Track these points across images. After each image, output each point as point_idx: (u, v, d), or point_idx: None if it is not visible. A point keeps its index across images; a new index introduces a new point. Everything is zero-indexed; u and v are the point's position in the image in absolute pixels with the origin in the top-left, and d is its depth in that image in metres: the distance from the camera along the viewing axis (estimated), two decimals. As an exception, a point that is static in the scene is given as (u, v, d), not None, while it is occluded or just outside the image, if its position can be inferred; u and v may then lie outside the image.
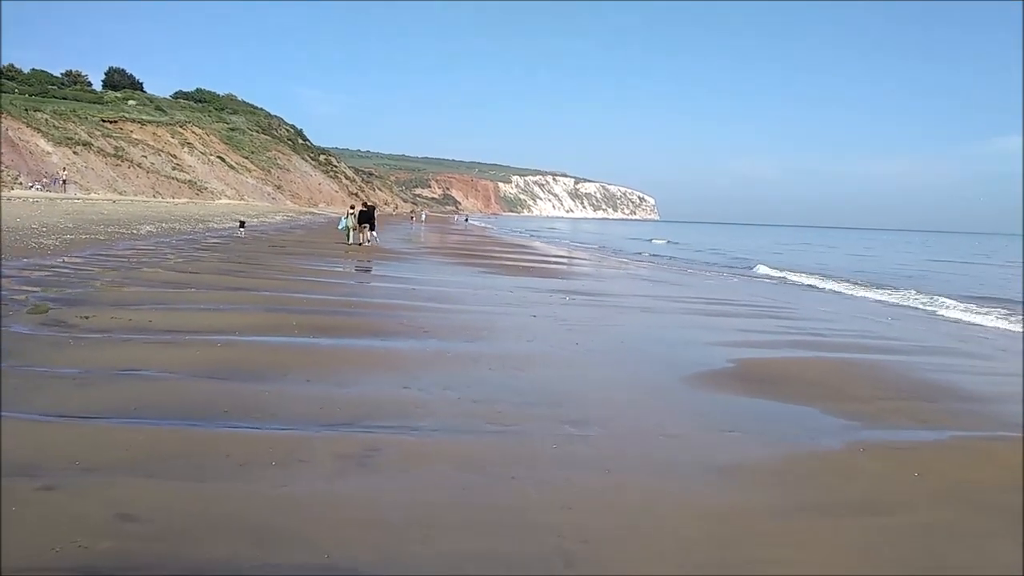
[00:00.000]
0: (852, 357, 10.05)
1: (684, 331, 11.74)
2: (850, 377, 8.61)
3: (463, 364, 7.69)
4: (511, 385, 6.85)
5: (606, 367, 8.15)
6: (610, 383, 7.33)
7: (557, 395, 6.59)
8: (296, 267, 17.48)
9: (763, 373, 8.40)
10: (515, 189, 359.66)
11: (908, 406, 7.27)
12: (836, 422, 6.38)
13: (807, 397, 7.31)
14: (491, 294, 14.72)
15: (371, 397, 6.01)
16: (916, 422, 6.62)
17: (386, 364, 7.35)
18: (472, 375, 7.17)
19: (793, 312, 15.32)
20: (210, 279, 13.36)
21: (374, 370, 7.05)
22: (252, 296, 11.63)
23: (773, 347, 10.45)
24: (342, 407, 5.59)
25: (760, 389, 7.53)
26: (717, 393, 7.25)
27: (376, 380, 6.65)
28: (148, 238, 23.12)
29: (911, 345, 11.75)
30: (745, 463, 5.07)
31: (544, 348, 9.01)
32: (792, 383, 7.97)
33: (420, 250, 29.70)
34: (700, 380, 7.81)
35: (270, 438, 4.75)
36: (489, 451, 4.89)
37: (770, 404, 6.94)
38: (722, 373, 8.25)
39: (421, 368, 7.32)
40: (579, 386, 7.07)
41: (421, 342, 8.76)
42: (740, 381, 7.87)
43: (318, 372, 6.74)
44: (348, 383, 6.43)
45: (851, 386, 8.05)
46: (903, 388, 8.18)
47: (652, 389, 7.22)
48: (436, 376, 6.99)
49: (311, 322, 9.49)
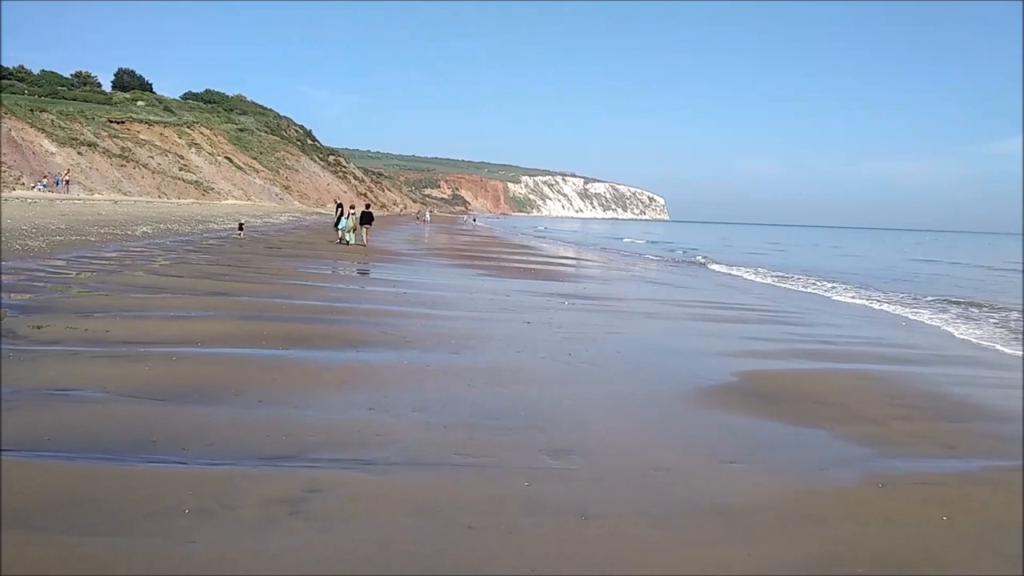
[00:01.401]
0: (865, 369, 9.34)
1: (687, 339, 11.06)
2: (863, 392, 7.92)
3: (442, 380, 7.05)
4: (491, 405, 6.20)
5: (598, 383, 7.49)
6: (601, 402, 6.66)
7: (540, 417, 5.94)
8: (288, 270, 16.90)
9: (769, 388, 7.72)
10: (524, 189, 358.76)
11: (929, 428, 6.58)
12: (849, 449, 5.70)
13: (817, 417, 6.62)
14: (487, 298, 14.08)
15: (328, 421, 5.38)
16: (940, 448, 5.93)
17: (355, 380, 6.72)
18: (449, 393, 6.53)
19: (802, 317, 14.60)
20: (191, 283, 12.79)
21: (340, 388, 6.43)
22: (230, 302, 11.03)
23: (780, 357, 9.76)
24: (291, 435, 4.96)
25: (765, 408, 6.85)
26: (718, 413, 6.58)
27: (340, 400, 6.02)
28: (141, 240, 22.61)
29: (927, 355, 11.02)
30: (747, 504, 4.40)
31: (534, 360, 8.36)
32: (800, 400, 7.29)
33: (421, 251, 29.10)
34: (700, 397, 7.14)
35: (194, 477, 4.12)
36: (451, 491, 4.24)
37: (776, 427, 6.26)
38: (725, 389, 7.58)
39: (394, 385, 6.69)
40: (566, 406, 6.41)
41: (400, 354, 8.13)
42: (744, 398, 7.20)
43: (275, 391, 6.11)
44: (306, 404, 5.81)
45: (865, 403, 7.36)
46: (922, 405, 7.48)
47: (647, 409, 6.56)
48: (408, 394, 6.36)
49: (285, 331, 8.89)
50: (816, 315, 15.59)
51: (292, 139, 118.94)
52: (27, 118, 53.90)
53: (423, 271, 19.88)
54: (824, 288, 23.26)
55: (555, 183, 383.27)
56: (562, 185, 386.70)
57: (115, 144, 66.08)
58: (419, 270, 20.09)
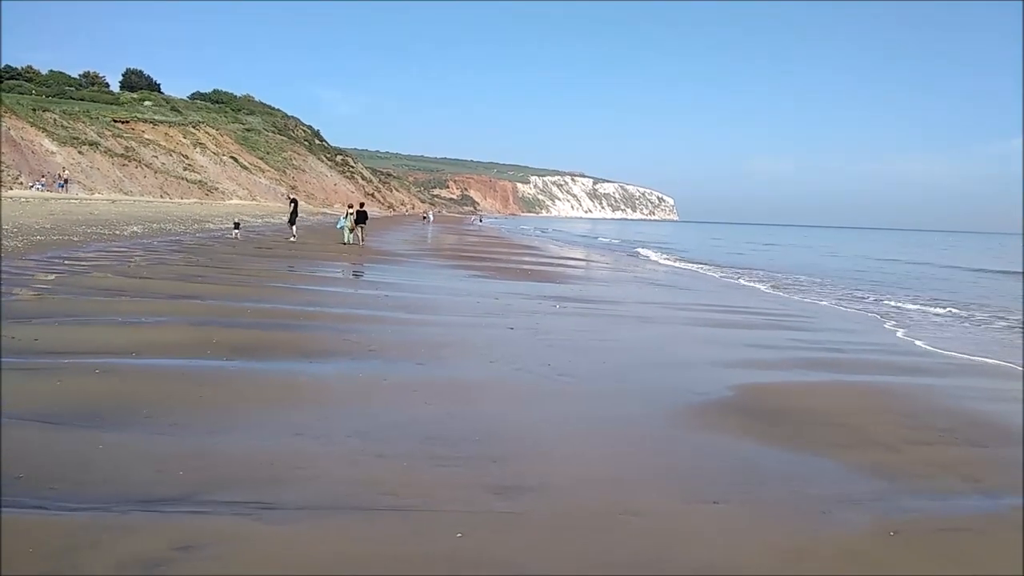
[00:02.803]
0: (874, 381, 8.50)
1: (683, 347, 10.23)
2: (873, 410, 7.08)
3: (395, 397, 6.27)
4: (443, 429, 5.41)
5: (575, 400, 6.68)
6: (573, 424, 5.86)
7: (497, 444, 5.15)
8: (270, 271, 16.17)
9: (768, 405, 6.89)
10: (533, 189, 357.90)
11: (950, 455, 5.74)
12: (858, 484, 4.87)
13: (820, 442, 5.80)
14: (474, 301, 13.30)
15: (244, 451, 4.60)
16: (963, 482, 5.09)
17: (295, 398, 5.94)
18: (398, 414, 5.75)
19: (810, 323, 13.73)
20: (158, 286, 12.06)
21: (274, 407, 5.65)
22: (192, 306, 10.30)
23: (782, 367, 8.93)
24: (190, 470, 4.19)
25: (762, 430, 6.03)
26: (708, 436, 5.76)
27: (268, 423, 5.24)
28: (127, 239, 21.96)
29: (941, 364, 10.13)
30: (734, 561, 3.59)
31: (507, 373, 7.57)
32: (802, 419, 6.46)
33: (418, 252, 28.35)
34: (690, 417, 6.32)
35: (47, 527, 3.35)
36: (360, 547, 3.45)
37: (773, 454, 5.44)
38: (718, 406, 6.75)
39: (337, 404, 5.91)
40: (531, 430, 5.61)
41: (358, 365, 7.36)
42: (739, 417, 6.37)
43: (197, 411, 5.34)
44: (227, 428, 5.03)
45: (876, 423, 6.52)
46: (941, 425, 6.64)
47: (626, 432, 5.74)
48: (351, 416, 5.58)
49: (238, 338, 8.13)
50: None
51: (299, 139, 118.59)
52: (28, 117, 53.53)
53: (414, 272, 19.11)
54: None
55: (564, 183, 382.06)
56: (571, 185, 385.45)
57: (118, 144, 65.71)
58: (410, 271, 19.33)
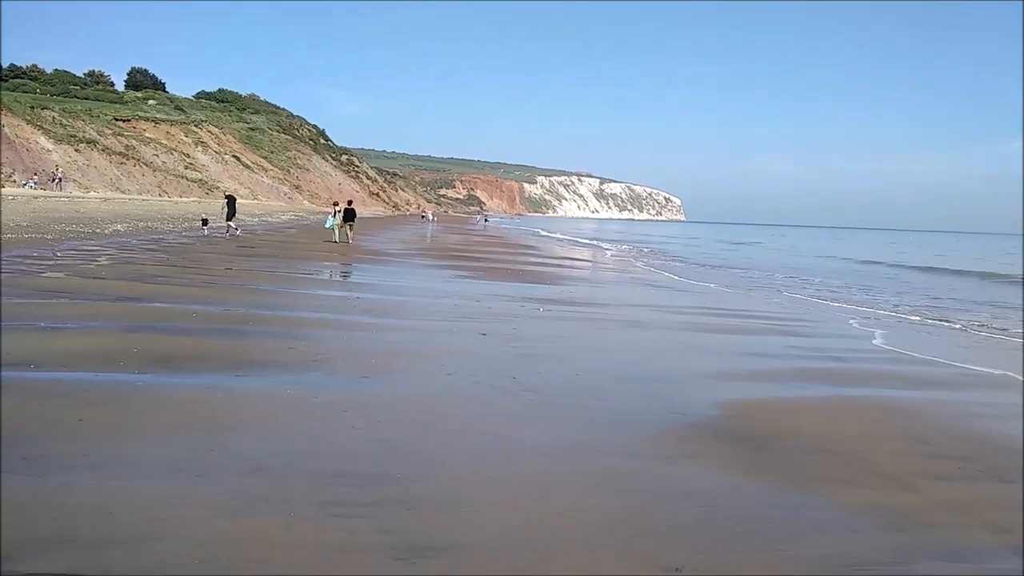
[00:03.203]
0: (881, 396, 7.55)
1: (669, 357, 9.30)
2: (881, 433, 6.15)
3: (320, 418, 5.36)
4: (358, 461, 4.49)
5: (533, 423, 5.74)
6: (522, 456, 4.93)
7: (421, 482, 4.22)
8: (243, 271, 15.29)
9: (758, 426, 5.96)
10: (540, 190, 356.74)
11: (973, 494, 4.79)
12: (865, 539, 3.92)
13: (818, 476, 4.86)
14: (452, 304, 12.38)
15: (92, 497, 3.69)
16: (992, 534, 4.13)
17: (195, 422, 5.03)
18: (314, 440, 4.83)
19: (814, 328, 12.75)
20: (110, 286, 11.19)
21: (167, 433, 4.74)
22: (133, 309, 9.42)
23: (777, 379, 7.99)
24: (10, 525, 3.28)
25: (751, 460, 5.10)
26: (684, 471, 4.82)
27: (147, 454, 4.33)
28: (106, 238, 21.16)
29: (959, 375, 9.15)
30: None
31: (464, 387, 6.65)
32: (796, 445, 5.53)
33: (410, 251, 27.47)
34: (666, 443, 5.39)
35: None
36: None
37: (760, 494, 4.50)
38: (700, 429, 5.81)
39: (247, 427, 5.00)
40: (470, 462, 4.68)
41: (293, 379, 6.45)
42: (723, 444, 5.44)
43: (63, 441, 4.44)
44: (89, 464, 4.12)
45: (885, 451, 5.58)
46: (960, 453, 5.69)
47: (585, 465, 4.81)
48: (253, 445, 4.66)
49: (166, 347, 7.24)
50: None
51: (304, 138, 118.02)
52: (25, 115, 53.02)
53: (398, 273, 18.21)
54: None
55: (571, 183, 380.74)
56: (578, 186, 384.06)
57: (118, 142, 65.16)
58: (394, 271, 18.43)
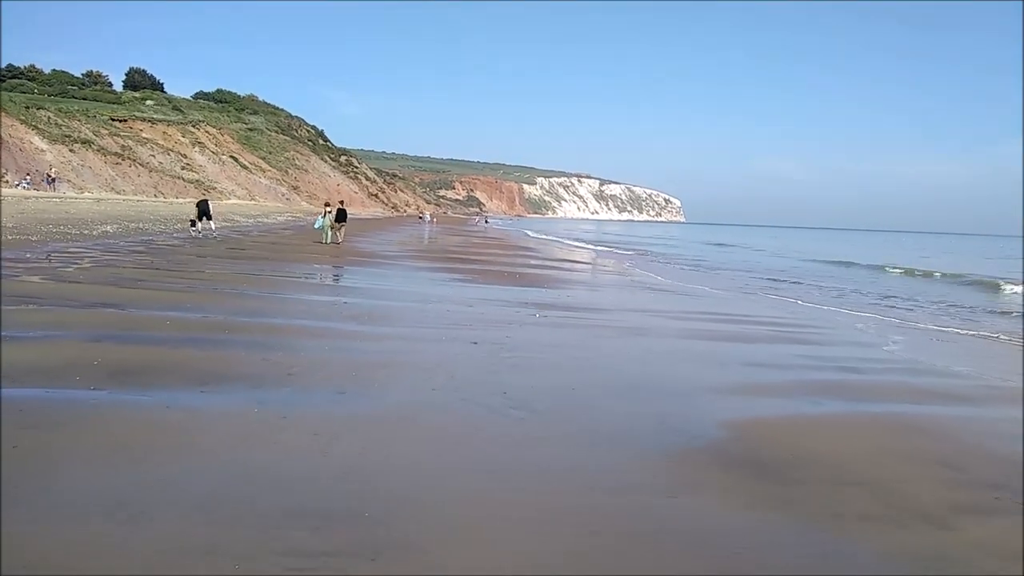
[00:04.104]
0: (901, 413, 7.00)
1: (671, 366, 8.76)
2: (906, 457, 5.61)
3: (286, 443, 4.82)
4: (324, 497, 3.96)
5: (522, 447, 5.20)
6: (506, 488, 4.38)
7: (392, 523, 3.68)
8: (228, 274, 14.75)
9: (771, 451, 5.42)
10: (540, 191, 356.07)
11: (1016, 531, 4.24)
12: (899, 592, 3.39)
13: (844, 512, 4.32)
14: (443, 310, 11.84)
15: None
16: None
17: (145, 447, 4.49)
18: (276, 470, 4.29)
19: (822, 334, 12.19)
20: (84, 291, 10.67)
21: (109, 462, 4.21)
22: (102, 316, 8.89)
23: (787, 394, 7.44)
24: None
25: (765, 493, 4.56)
26: (685, 507, 4.29)
27: (80, 490, 3.79)
28: (93, 240, 20.62)
29: (981, 388, 8.59)
30: None
31: (447, 404, 6.11)
32: (816, 474, 4.99)
33: (404, 253, 26.93)
34: (666, 473, 4.85)
35: None
36: None
37: (780, 533, 3.96)
38: (707, 454, 5.28)
39: (202, 454, 4.46)
40: (449, 497, 4.14)
41: (262, 395, 5.91)
42: (734, 472, 4.90)
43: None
44: (6, 502, 3.58)
45: (912, 479, 5.04)
46: (993, 480, 5.15)
47: (574, 503, 4.27)
48: (207, 476, 4.13)
49: (130, 359, 6.71)
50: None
51: (303, 139, 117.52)
52: (20, 115, 52.49)
53: (389, 276, 17.67)
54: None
55: (571, 185, 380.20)
56: (577, 187, 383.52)
57: (114, 142, 64.67)
58: (386, 275, 17.89)
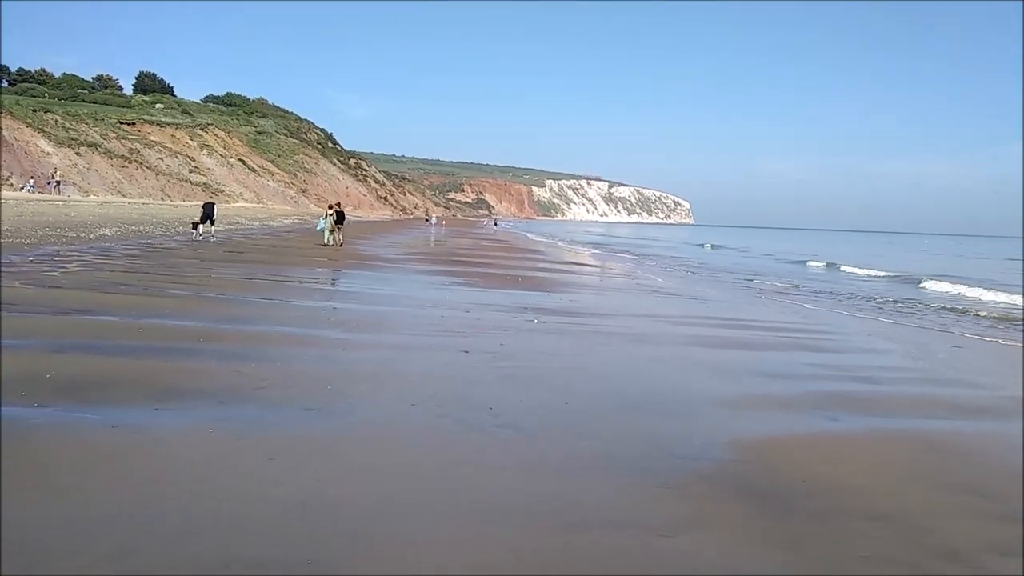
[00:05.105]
0: (924, 430, 6.44)
1: (674, 377, 8.20)
2: (933, 483, 5.05)
3: (237, 470, 4.31)
4: (269, 540, 3.44)
5: (504, 475, 4.67)
6: (485, 527, 3.86)
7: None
8: (219, 278, 14.30)
9: (782, 478, 4.87)
10: (549, 193, 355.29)
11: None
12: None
13: (871, 555, 3.78)
14: (437, 316, 11.33)
15: None
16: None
17: (78, 475, 4.00)
18: (218, 506, 3.78)
19: (834, 339, 11.59)
20: (63, 296, 10.22)
21: (26, 497, 3.71)
22: (72, 324, 8.43)
23: (799, 409, 6.89)
24: None
25: (781, 530, 4.02)
26: (696, 545, 3.75)
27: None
28: (89, 243, 20.25)
29: (1003, 400, 7.97)
30: None
31: (426, 423, 5.59)
32: (837, 506, 4.43)
33: (406, 256, 26.44)
34: (666, 507, 4.30)
35: None
36: None
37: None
38: (713, 481, 4.73)
39: (137, 486, 3.96)
40: (413, 541, 3.62)
41: (223, 412, 5.41)
42: (743, 504, 4.36)
43: None
44: None
45: (941, 511, 4.49)
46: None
47: (567, 541, 3.74)
48: (134, 512, 3.63)
49: (85, 371, 6.23)
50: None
51: (312, 142, 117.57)
52: (26, 118, 52.47)
53: (387, 280, 17.18)
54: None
55: (580, 187, 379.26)
56: (587, 189, 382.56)
57: (122, 145, 64.60)
58: (383, 278, 17.40)
